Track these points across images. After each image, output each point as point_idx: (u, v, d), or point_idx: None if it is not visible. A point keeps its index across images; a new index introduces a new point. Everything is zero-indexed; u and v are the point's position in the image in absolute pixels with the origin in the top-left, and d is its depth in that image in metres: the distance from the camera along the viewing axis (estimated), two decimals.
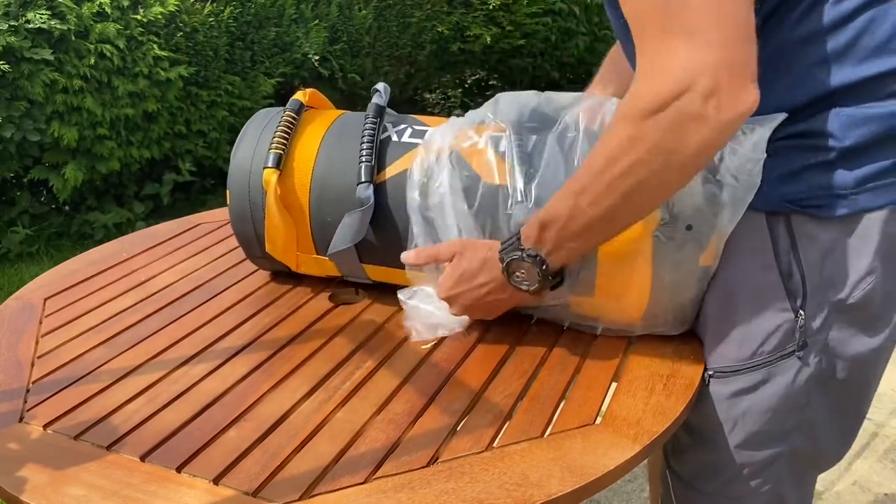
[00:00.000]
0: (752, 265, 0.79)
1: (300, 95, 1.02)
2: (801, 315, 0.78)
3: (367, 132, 0.94)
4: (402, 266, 0.94)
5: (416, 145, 0.93)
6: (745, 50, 0.65)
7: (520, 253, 0.79)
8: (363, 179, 0.91)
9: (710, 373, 0.84)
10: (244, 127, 1.00)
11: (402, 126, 0.97)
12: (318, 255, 0.98)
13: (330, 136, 0.97)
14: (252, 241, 1.00)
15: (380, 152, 0.94)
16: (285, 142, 0.96)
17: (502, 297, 0.85)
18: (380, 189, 0.92)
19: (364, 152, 0.92)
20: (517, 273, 0.81)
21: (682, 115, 0.65)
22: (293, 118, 0.98)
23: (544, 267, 0.79)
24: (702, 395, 0.84)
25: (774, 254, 0.78)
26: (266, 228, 0.96)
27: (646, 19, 0.67)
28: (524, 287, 0.82)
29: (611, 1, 0.79)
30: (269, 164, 0.94)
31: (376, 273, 0.97)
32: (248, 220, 0.98)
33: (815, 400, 0.82)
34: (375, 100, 0.98)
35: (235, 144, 0.99)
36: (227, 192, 0.99)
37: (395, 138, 0.95)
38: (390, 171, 0.92)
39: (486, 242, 0.85)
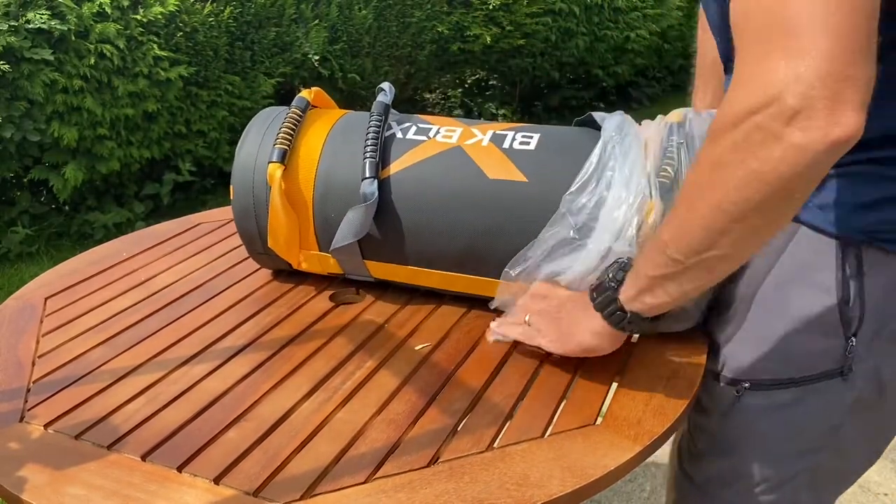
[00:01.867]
0: (813, 286, 0.77)
1: (306, 94, 1.02)
2: (852, 341, 0.77)
3: (371, 129, 0.94)
4: (404, 262, 0.94)
5: (420, 142, 0.94)
6: (856, 67, 0.54)
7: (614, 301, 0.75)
8: (368, 175, 0.91)
9: (747, 385, 0.82)
10: (249, 124, 1.01)
11: (407, 124, 0.97)
12: (320, 251, 0.98)
13: (335, 133, 0.97)
14: (255, 237, 1.00)
15: (384, 148, 0.94)
16: (290, 137, 0.96)
17: (577, 314, 0.80)
18: (384, 185, 0.92)
19: (369, 148, 0.92)
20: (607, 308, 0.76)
21: (756, 132, 0.56)
22: (299, 115, 0.98)
23: (628, 316, 0.74)
24: (730, 403, 0.83)
25: (838, 279, 0.76)
26: (269, 223, 0.96)
27: (747, 22, 0.59)
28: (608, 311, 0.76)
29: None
30: (274, 159, 0.94)
31: (378, 270, 0.97)
32: (251, 216, 0.99)
33: (850, 422, 0.81)
34: (381, 98, 0.98)
35: (240, 141, 1.00)
36: (231, 187, 0.99)
37: (399, 135, 0.95)
38: (395, 167, 0.93)
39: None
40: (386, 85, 1.01)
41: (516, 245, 0.87)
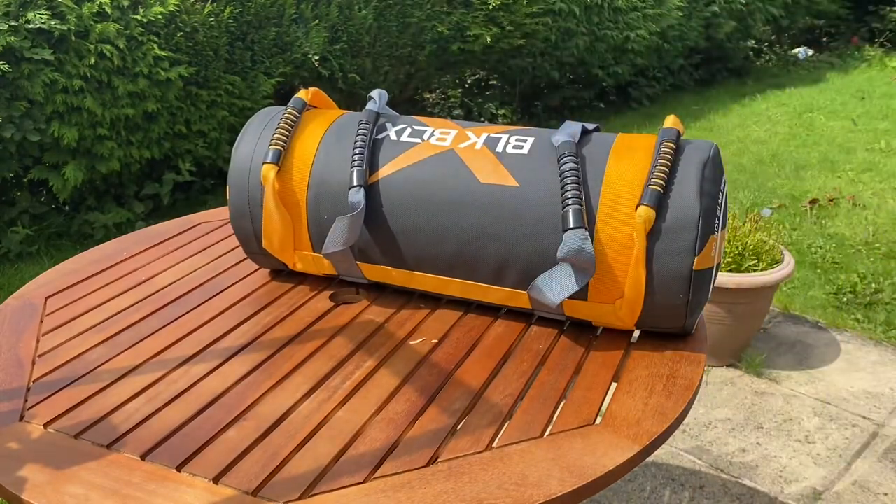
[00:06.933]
0: None
1: (303, 94, 1.03)
2: None
3: (359, 136, 0.94)
4: (396, 265, 0.94)
5: (414, 144, 0.93)
6: None
7: None
8: (354, 184, 0.91)
9: None
10: (246, 124, 1.01)
11: (402, 125, 0.97)
12: (314, 252, 0.98)
13: (329, 135, 0.97)
14: (250, 237, 1.01)
15: (377, 151, 0.94)
16: (285, 138, 0.96)
17: None
18: (375, 188, 0.92)
19: (356, 156, 0.92)
20: None
21: None
22: (295, 116, 0.99)
23: None
24: None
25: None
26: (263, 224, 0.97)
27: None
28: None
29: None
30: (268, 160, 0.95)
31: (372, 272, 0.97)
32: (246, 216, 0.99)
33: None
34: (370, 106, 0.99)
35: (237, 141, 1.00)
36: (227, 187, 1.00)
37: (393, 137, 0.95)
38: (387, 170, 0.92)
39: None
40: (375, 93, 1.01)
41: (506, 250, 0.87)
